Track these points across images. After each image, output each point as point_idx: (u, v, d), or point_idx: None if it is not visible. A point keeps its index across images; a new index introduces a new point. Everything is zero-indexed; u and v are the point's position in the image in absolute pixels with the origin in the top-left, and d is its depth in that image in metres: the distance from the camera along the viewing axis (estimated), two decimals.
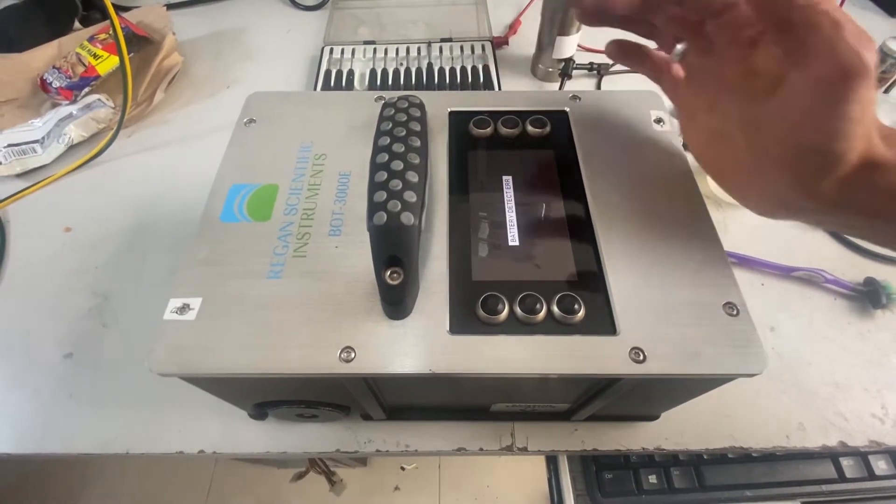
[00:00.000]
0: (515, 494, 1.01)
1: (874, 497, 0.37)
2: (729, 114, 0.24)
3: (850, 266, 0.41)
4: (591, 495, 0.37)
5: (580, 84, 0.56)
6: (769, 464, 0.38)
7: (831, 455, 0.38)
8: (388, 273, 0.22)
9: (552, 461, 0.40)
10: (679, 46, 0.26)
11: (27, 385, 0.35)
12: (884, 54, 0.47)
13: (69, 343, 0.37)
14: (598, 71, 0.56)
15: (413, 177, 0.23)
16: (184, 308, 0.23)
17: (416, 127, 0.26)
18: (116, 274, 0.41)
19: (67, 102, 0.50)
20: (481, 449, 0.33)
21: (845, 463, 0.38)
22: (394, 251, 0.21)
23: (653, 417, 0.33)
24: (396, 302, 0.22)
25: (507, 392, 0.29)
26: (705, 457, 0.38)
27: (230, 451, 0.33)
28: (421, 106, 0.28)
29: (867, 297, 0.39)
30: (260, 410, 0.31)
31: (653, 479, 0.37)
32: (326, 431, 0.34)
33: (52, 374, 0.36)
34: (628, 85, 0.56)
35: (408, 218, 0.21)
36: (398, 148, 0.24)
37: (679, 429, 0.34)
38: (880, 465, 0.38)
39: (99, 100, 0.50)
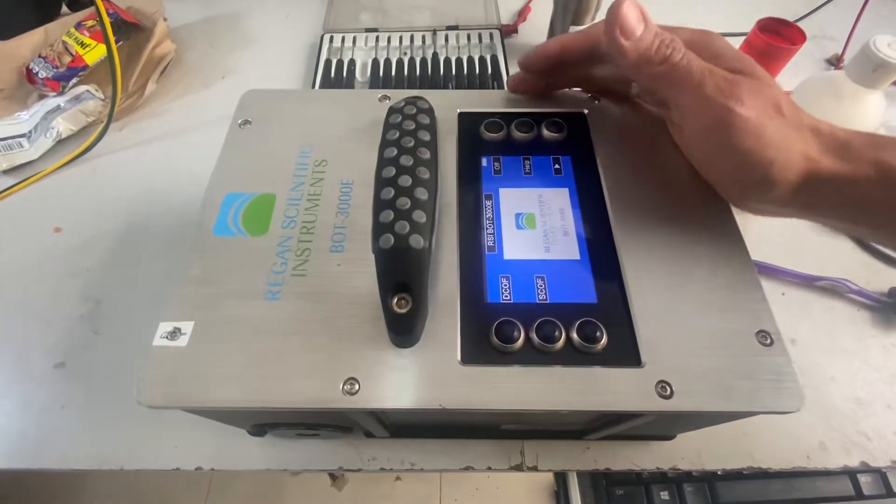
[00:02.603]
0: (516, 484, 1.02)
1: None
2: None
3: (875, 274, 0.39)
4: None
5: None
6: (785, 480, 0.37)
7: (849, 472, 0.37)
8: (396, 300, 0.20)
9: (561, 474, 0.39)
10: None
11: (16, 397, 0.34)
12: None
13: (60, 352, 0.36)
14: None
15: (423, 194, 0.21)
16: (174, 333, 0.22)
17: (426, 136, 0.24)
18: (109, 277, 0.40)
19: (55, 94, 0.47)
20: (489, 468, 0.32)
21: (863, 479, 0.37)
22: (401, 277, 0.20)
23: (669, 437, 0.32)
24: (404, 332, 0.20)
25: (518, 417, 0.27)
26: (719, 473, 0.37)
27: (228, 467, 0.32)
28: (430, 111, 0.25)
29: (892, 308, 0.37)
30: (259, 429, 0.29)
31: (665, 495, 0.36)
32: (328, 448, 0.32)
33: (43, 385, 0.34)
34: None
35: (417, 241, 0.20)
36: (406, 161, 0.22)
37: (695, 448, 0.32)
38: None
39: (88, 91, 0.48)
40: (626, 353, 0.21)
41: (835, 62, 0.54)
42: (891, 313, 0.37)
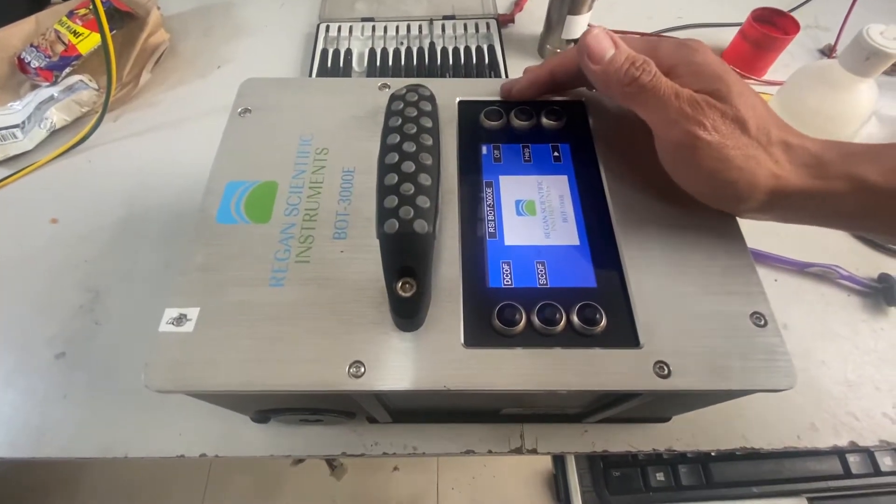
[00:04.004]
0: (512, 473, 1.03)
1: (879, 492, 0.37)
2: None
3: (865, 260, 0.40)
4: (598, 492, 0.37)
5: None
6: (776, 460, 0.38)
7: (838, 451, 0.38)
8: (400, 284, 0.20)
9: (559, 457, 0.40)
10: None
11: (19, 387, 0.34)
12: None
13: (61, 342, 0.36)
14: None
15: (426, 179, 0.21)
16: (180, 319, 0.22)
17: (428, 123, 0.24)
18: (108, 268, 0.40)
19: (48, 84, 0.47)
20: (490, 451, 0.32)
21: (851, 459, 0.38)
22: (406, 262, 0.20)
23: (665, 419, 0.33)
24: (409, 315, 0.20)
25: (519, 399, 0.28)
26: (713, 454, 0.38)
27: (232, 454, 0.32)
28: (431, 98, 0.26)
29: (881, 293, 0.38)
30: (263, 415, 0.30)
31: (660, 476, 0.37)
32: (331, 434, 0.33)
33: (45, 375, 0.34)
34: None
35: (421, 226, 0.20)
36: (409, 147, 0.22)
37: (690, 429, 0.33)
38: (886, 462, 0.38)
39: (81, 81, 0.47)
40: (624, 334, 0.22)
41: (828, 52, 0.54)
42: (880, 298, 0.38)
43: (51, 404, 0.34)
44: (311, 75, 0.51)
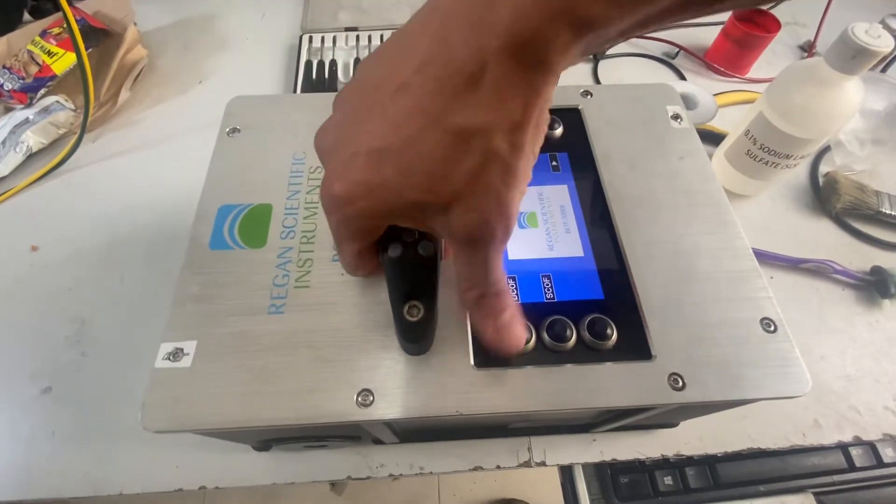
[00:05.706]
0: (514, 476, 1.03)
1: (882, 484, 0.38)
2: None
3: (857, 254, 0.41)
4: (607, 499, 0.36)
5: (575, 70, 0.53)
6: (781, 458, 0.38)
7: (841, 446, 0.38)
8: (407, 308, 0.20)
9: (566, 466, 0.39)
10: None
11: (3, 425, 0.32)
12: None
13: (46, 376, 0.34)
14: (595, 55, 0.53)
15: None
16: (177, 353, 0.21)
17: None
18: (93, 296, 0.38)
19: (22, 106, 0.45)
20: (498, 466, 0.32)
21: (855, 452, 0.38)
22: (412, 285, 0.19)
23: (672, 425, 0.32)
24: (417, 340, 0.20)
25: (529, 415, 0.27)
26: (719, 455, 0.38)
27: (233, 484, 0.31)
28: None
29: (875, 286, 0.38)
30: (264, 443, 0.29)
31: (668, 480, 0.37)
32: (336, 458, 0.32)
33: (30, 411, 0.33)
34: (627, 71, 0.54)
35: (426, 248, 0.19)
36: None
37: (697, 433, 0.33)
38: (888, 453, 0.38)
39: (57, 102, 0.46)
40: (636, 347, 0.21)
41: (807, 48, 0.55)
42: (874, 291, 0.38)
43: (38, 442, 0.32)
44: (295, 87, 0.50)
